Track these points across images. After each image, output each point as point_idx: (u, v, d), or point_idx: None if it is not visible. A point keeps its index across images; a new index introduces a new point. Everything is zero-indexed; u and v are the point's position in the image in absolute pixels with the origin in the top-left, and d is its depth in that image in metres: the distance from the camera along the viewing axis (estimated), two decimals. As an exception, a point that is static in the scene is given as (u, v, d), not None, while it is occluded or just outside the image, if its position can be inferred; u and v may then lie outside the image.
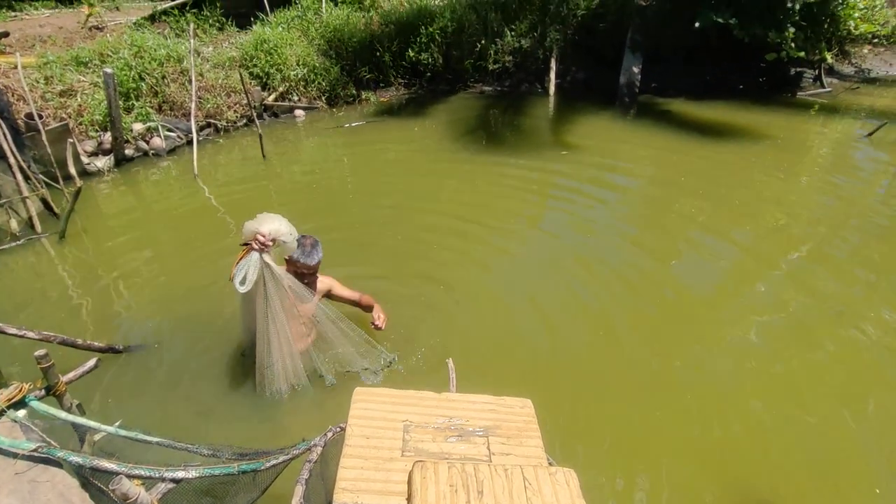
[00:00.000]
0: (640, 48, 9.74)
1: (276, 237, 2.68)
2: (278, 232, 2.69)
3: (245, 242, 2.70)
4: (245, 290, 2.62)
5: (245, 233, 2.69)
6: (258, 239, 2.63)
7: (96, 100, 7.03)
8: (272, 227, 2.67)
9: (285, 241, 2.73)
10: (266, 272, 2.67)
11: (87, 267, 4.61)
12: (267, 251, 2.66)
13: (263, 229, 2.65)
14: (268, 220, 2.69)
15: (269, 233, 2.65)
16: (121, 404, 3.04)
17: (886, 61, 11.44)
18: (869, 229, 5.21)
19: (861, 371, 3.38)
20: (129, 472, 1.77)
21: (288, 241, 2.75)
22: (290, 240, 2.76)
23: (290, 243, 2.78)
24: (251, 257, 2.64)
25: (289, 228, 2.74)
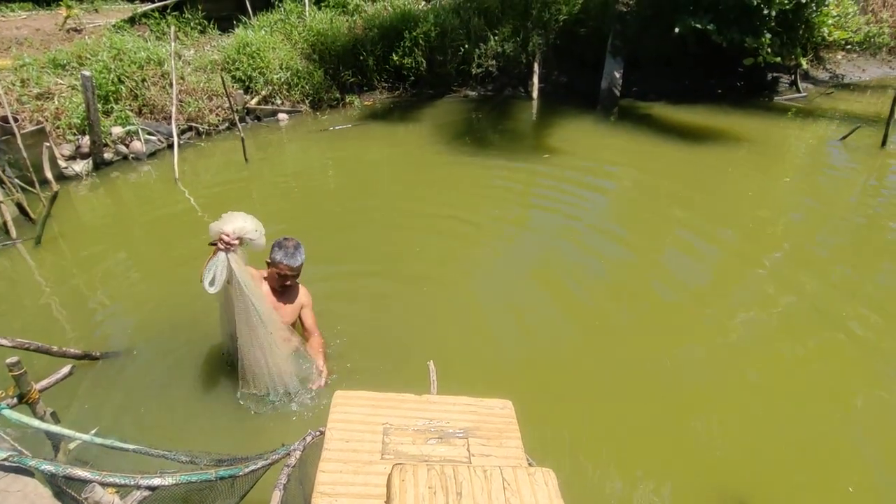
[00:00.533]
0: (620, 53, 9.87)
1: (241, 235, 2.63)
2: (243, 230, 2.64)
3: (213, 242, 2.65)
4: (214, 290, 2.59)
5: (211, 233, 2.64)
6: (223, 238, 2.58)
7: (74, 103, 6.92)
8: (237, 226, 2.62)
9: (252, 238, 2.68)
10: (236, 272, 2.62)
11: (63, 273, 4.53)
12: (233, 251, 2.61)
13: (227, 228, 2.60)
14: (232, 219, 2.64)
15: (233, 232, 2.60)
16: (97, 412, 2.99)
17: (859, 67, 11.74)
18: (846, 229, 5.33)
19: (839, 370, 3.46)
20: (103, 480, 1.74)
21: (255, 238, 2.69)
22: (257, 237, 2.71)
23: (258, 241, 2.73)
24: (218, 258, 2.59)
25: (254, 225, 2.69)
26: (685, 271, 4.62)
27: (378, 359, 3.38)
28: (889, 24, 11.84)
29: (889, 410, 3.12)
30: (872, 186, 6.52)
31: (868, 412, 3.12)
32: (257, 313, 2.73)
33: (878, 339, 3.71)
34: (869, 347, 3.63)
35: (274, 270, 3.01)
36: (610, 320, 3.90)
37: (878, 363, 3.50)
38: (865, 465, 2.78)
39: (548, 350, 3.57)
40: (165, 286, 4.19)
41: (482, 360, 3.45)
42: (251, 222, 2.68)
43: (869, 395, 3.23)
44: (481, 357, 3.48)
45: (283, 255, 2.97)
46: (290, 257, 2.98)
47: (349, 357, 3.37)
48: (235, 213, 2.69)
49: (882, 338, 3.71)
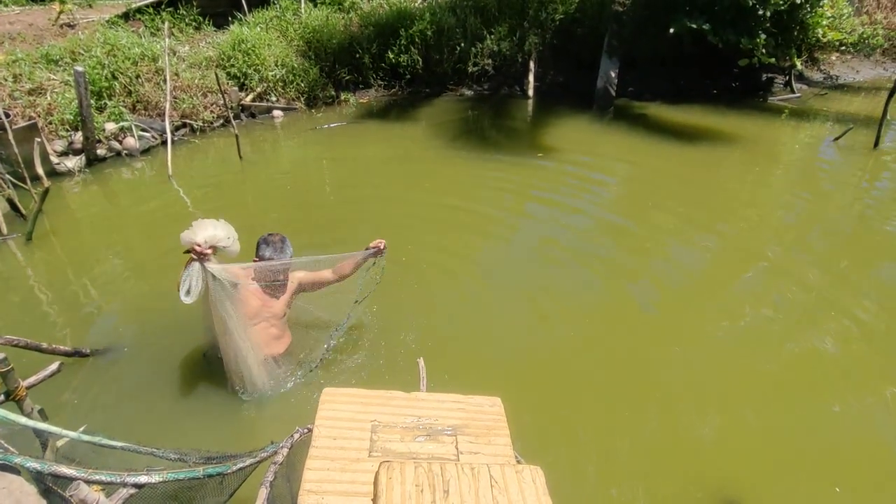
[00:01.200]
0: (616, 53, 9.88)
1: (213, 244, 2.59)
2: (215, 238, 2.59)
3: (187, 251, 2.60)
4: (190, 301, 2.52)
5: (183, 242, 2.59)
6: (195, 249, 2.54)
7: (67, 98, 6.88)
8: (208, 235, 2.57)
9: (225, 245, 2.64)
10: (212, 281, 2.57)
11: (55, 269, 4.51)
12: (206, 260, 2.56)
13: (199, 238, 2.55)
14: (203, 227, 2.58)
15: (205, 241, 2.56)
16: (87, 409, 2.98)
17: (853, 68, 11.80)
18: (838, 229, 5.36)
19: (829, 369, 3.47)
20: (89, 478, 1.73)
21: (228, 245, 2.65)
22: (230, 243, 2.66)
23: (231, 247, 2.68)
24: (192, 268, 2.54)
25: (226, 232, 2.63)
26: (677, 270, 4.63)
27: (367, 356, 3.37)
28: (883, 26, 11.90)
29: (876, 410, 3.13)
30: (865, 187, 6.55)
31: (857, 412, 3.13)
32: (233, 321, 2.70)
33: (869, 338, 3.72)
34: (860, 347, 3.65)
35: None
36: (601, 319, 3.90)
37: (868, 362, 3.51)
38: (853, 465, 2.79)
39: (538, 348, 3.58)
40: (157, 283, 4.17)
41: (472, 358, 3.45)
42: (223, 229, 2.63)
43: (858, 394, 3.25)
44: (471, 354, 3.48)
45: (272, 251, 2.96)
46: (279, 252, 2.97)
47: (338, 354, 3.37)
48: (205, 220, 2.63)
49: (873, 337, 3.73)
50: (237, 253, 2.77)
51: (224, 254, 2.70)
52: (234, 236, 2.69)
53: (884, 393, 3.23)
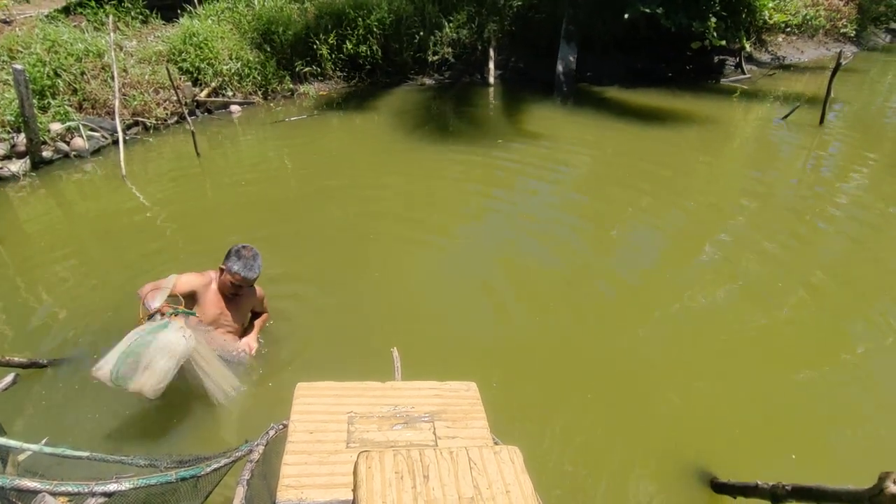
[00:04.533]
0: (574, 38, 9.99)
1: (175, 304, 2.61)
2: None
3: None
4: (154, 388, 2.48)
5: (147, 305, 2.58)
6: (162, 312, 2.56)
7: (6, 99, 6.51)
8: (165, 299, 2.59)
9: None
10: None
11: (3, 278, 4.28)
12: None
13: (157, 305, 2.56)
14: (160, 295, 2.58)
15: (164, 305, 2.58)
16: (47, 421, 2.86)
17: (798, 49, 12.27)
18: (791, 203, 5.59)
19: (790, 340, 3.62)
20: (55, 490, 1.66)
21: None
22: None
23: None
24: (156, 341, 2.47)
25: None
26: (643, 250, 4.75)
27: (340, 348, 3.35)
28: (825, 7, 12.41)
29: (832, 377, 3.30)
30: (812, 163, 6.85)
31: (814, 379, 3.29)
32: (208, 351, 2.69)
33: (821, 307, 3.92)
34: (814, 316, 3.84)
35: (228, 279, 2.90)
36: (570, 300, 3.97)
37: (821, 331, 3.70)
38: (807, 437, 2.91)
39: (511, 331, 3.62)
40: (114, 289, 4.01)
41: (446, 345, 3.46)
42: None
43: (813, 361, 3.41)
44: (445, 341, 3.50)
45: (242, 266, 2.87)
46: (247, 269, 2.88)
47: (310, 348, 3.33)
48: (157, 290, 2.64)
49: (825, 306, 3.92)
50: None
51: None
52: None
53: (835, 360, 3.40)
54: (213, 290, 2.98)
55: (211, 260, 3.40)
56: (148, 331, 2.47)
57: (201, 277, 2.94)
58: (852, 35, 13.03)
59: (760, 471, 2.43)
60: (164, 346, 2.44)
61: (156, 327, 2.49)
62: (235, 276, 2.86)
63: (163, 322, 2.52)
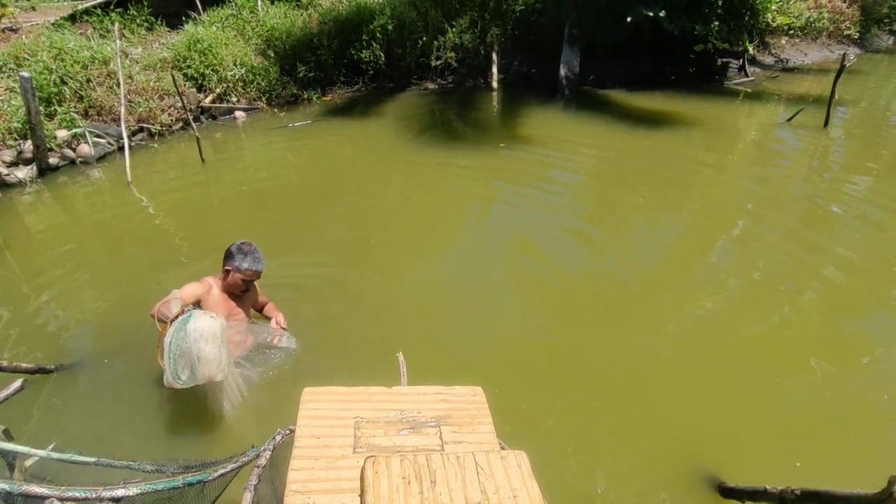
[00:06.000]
0: (577, 42, 10.01)
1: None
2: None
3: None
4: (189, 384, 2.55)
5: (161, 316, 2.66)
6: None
7: (13, 106, 6.57)
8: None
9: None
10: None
11: (10, 284, 4.31)
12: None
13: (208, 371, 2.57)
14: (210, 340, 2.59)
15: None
16: (55, 426, 2.87)
17: (802, 51, 12.25)
18: (795, 206, 5.57)
19: (792, 344, 3.59)
20: (62, 495, 1.67)
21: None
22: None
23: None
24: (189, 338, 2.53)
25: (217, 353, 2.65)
26: (648, 253, 4.74)
27: (346, 354, 3.35)
28: (828, 10, 12.40)
29: (845, 383, 3.27)
30: (816, 165, 6.82)
31: (822, 383, 3.26)
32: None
33: (830, 311, 3.89)
34: (818, 320, 3.81)
35: (239, 277, 2.97)
36: (574, 304, 3.96)
37: (826, 336, 3.67)
38: (812, 444, 2.87)
39: (516, 336, 3.61)
40: (119, 295, 4.03)
41: (451, 350, 3.46)
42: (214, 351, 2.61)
43: (823, 367, 3.38)
44: (450, 346, 3.49)
45: (251, 261, 2.95)
46: (256, 262, 2.98)
47: (316, 353, 3.33)
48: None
49: (834, 310, 3.89)
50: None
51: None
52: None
53: (842, 363, 3.37)
54: (217, 293, 3.01)
55: (214, 264, 3.41)
56: (177, 328, 2.53)
57: (201, 285, 2.98)
58: (856, 37, 13.00)
59: (768, 476, 2.41)
60: (201, 332, 2.51)
61: (181, 322, 2.55)
62: (247, 272, 2.93)
63: (185, 315, 2.57)
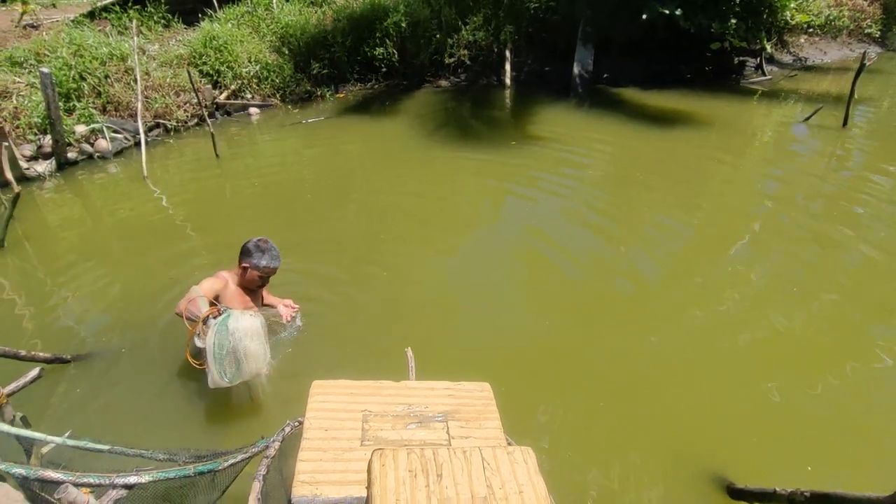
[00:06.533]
0: (591, 40, 9.94)
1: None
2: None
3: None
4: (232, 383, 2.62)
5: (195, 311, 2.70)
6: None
7: (34, 101, 6.69)
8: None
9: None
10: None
11: (29, 276, 4.40)
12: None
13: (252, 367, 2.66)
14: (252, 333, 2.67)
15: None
16: (71, 415, 2.93)
17: (821, 50, 12.04)
18: (811, 206, 5.48)
19: (805, 350, 3.54)
20: (77, 481, 1.70)
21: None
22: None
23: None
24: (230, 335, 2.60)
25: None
26: (657, 251, 4.70)
27: (355, 348, 3.37)
28: (848, 8, 12.16)
29: (858, 387, 3.22)
30: (835, 165, 6.71)
31: (836, 388, 3.21)
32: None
33: (845, 314, 3.83)
34: (832, 322, 3.75)
35: (256, 274, 3.02)
36: (584, 303, 3.95)
37: (841, 339, 3.61)
38: (823, 449, 2.84)
39: (524, 333, 3.61)
40: (137, 287, 4.10)
41: (460, 346, 3.47)
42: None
43: (831, 370, 3.34)
44: (459, 342, 3.50)
45: (270, 259, 3.00)
46: (275, 259, 3.04)
47: (325, 347, 3.36)
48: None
49: (850, 313, 3.83)
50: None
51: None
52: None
53: (853, 370, 3.32)
54: (233, 288, 3.05)
55: (228, 259, 3.45)
56: (219, 329, 2.58)
57: (217, 280, 3.03)
58: (877, 35, 12.74)
59: (777, 479, 2.38)
60: (244, 331, 2.60)
61: (222, 322, 2.60)
62: (265, 269, 2.98)
63: (224, 316, 2.63)
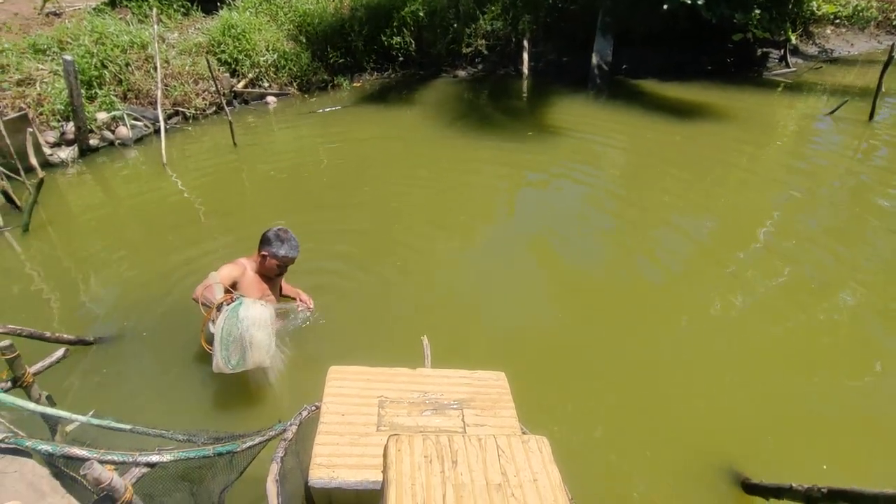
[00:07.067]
0: (610, 30, 9.79)
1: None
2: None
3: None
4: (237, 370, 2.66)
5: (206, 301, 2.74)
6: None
7: (56, 88, 6.79)
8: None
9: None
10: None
11: (53, 260, 4.50)
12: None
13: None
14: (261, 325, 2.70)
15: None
16: (93, 396, 3.00)
17: (848, 41, 11.72)
18: (834, 202, 5.38)
19: (820, 346, 3.50)
20: (102, 458, 1.75)
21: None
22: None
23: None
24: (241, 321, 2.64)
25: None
26: (676, 246, 4.65)
27: (371, 335, 3.40)
28: (878, -2, 11.81)
29: (880, 384, 3.17)
30: (860, 160, 6.56)
31: (853, 388, 3.16)
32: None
33: (867, 311, 3.76)
34: (852, 321, 3.69)
35: (275, 262, 3.05)
36: (600, 295, 3.93)
37: (860, 338, 3.55)
38: (841, 447, 2.80)
39: (540, 324, 3.61)
40: (157, 271, 4.18)
41: (475, 335, 3.48)
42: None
43: (853, 369, 3.29)
44: (475, 332, 3.51)
45: (289, 248, 3.02)
46: (294, 249, 3.06)
47: (341, 334, 3.40)
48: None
49: (871, 310, 3.77)
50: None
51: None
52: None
53: (874, 369, 3.26)
54: (251, 275, 3.08)
55: (245, 245, 3.49)
56: (229, 315, 2.62)
57: (236, 267, 3.05)
58: (907, 27, 12.37)
59: (792, 477, 2.35)
60: (252, 320, 2.63)
61: (233, 309, 2.64)
62: (284, 258, 3.01)
63: (236, 303, 2.66)
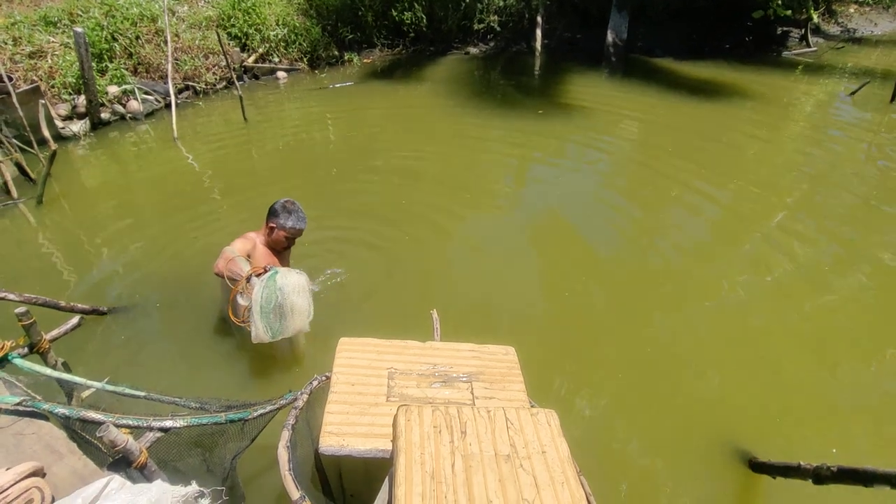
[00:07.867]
0: (626, 7, 9.57)
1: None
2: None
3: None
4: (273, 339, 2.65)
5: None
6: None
7: (68, 61, 6.78)
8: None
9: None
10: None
11: (66, 232, 4.54)
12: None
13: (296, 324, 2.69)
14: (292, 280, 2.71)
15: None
16: (107, 364, 3.04)
17: (872, 21, 11.40)
18: (851, 187, 5.28)
19: (834, 329, 3.46)
20: (117, 422, 1.78)
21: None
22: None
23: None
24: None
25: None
26: (688, 226, 4.60)
27: (380, 308, 3.41)
28: (905, -25, 11.43)
29: (886, 371, 3.14)
30: (881, 141, 6.42)
31: (866, 373, 3.14)
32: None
33: (876, 297, 3.72)
34: (866, 305, 3.65)
35: (283, 234, 3.04)
36: (611, 273, 3.91)
37: (874, 322, 3.51)
38: (850, 431, 2.80)
39: (550, 301, 3.61)
40: (168, 243, 4.21)
41: (485, 310, 3.48)
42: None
43: (865, 354, 3.26)
44: (484, 306, 3.52)
45: (296, 220, 3.00)
46: (301, 221, 3.03)
47: (352, 306, 3.41)
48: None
49: (881, 293, 3.72)
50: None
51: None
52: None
53: (888, 353, 3.23)
54: (261, 248, 3.09)
55: (255, 218, 3.50)
56: (266, 285, 2.63)
57: (247, 241, 3.06)
58: (935, 6, 11.99)
59: (801, 458, 2.35)
60: (292, 287, 2.65)
61: (269, 279, 2.65)
62: (291, 230, 3.00)
63: (270, 273, 2.68)
